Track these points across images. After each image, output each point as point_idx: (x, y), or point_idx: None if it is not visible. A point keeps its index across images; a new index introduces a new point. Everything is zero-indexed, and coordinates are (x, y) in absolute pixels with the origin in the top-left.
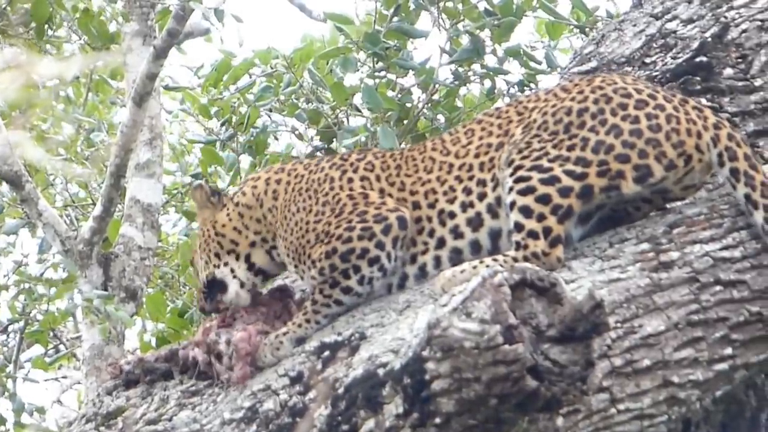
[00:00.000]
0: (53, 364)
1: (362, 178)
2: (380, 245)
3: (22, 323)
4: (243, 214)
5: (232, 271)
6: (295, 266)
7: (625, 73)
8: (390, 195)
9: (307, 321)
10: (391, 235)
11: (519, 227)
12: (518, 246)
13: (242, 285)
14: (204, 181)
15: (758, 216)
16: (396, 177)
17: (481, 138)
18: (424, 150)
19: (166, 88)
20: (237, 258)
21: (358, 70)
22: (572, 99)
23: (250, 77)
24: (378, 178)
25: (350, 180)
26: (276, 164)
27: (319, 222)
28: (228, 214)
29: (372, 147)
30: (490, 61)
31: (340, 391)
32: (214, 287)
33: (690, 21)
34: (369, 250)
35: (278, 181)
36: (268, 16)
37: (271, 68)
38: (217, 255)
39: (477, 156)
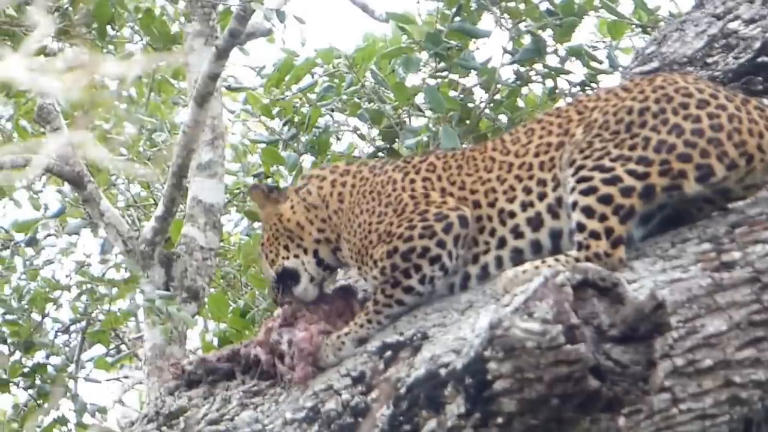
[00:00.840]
0: (115, 364)
1: (424, 179)
2: (441, 244)
3: (83, 323)
4: (309, 210)
5: (303, 263)
6: (359, 268)
7: (687, 73)
8: (451, 194)
9: (369, 321)
10: (453, 234)
11: (581, 227)
12: (580, 246)
13: (312, 279)
14: (258, 180)
15: None
16: (457, 176)
17: (541, 137)
18: (484, 150)
19: (228, 88)
20: (305, 252)
21: (420, 70)
22: (633, 98)
23: (312, 77)
24: (439, 178)
25: (412, 181)
26: (341, 163)
27: (382, 222)
28: (293, 207)
29: (434, 148)
30: (552, 60)
31: (402, 391)
32: (286, 278)
33: (752, 21)
34: (430, 248)
35: (344, 184)
36: (331, 16)
37: (333, 68)
38: (286, 247)
39: (537, 155)
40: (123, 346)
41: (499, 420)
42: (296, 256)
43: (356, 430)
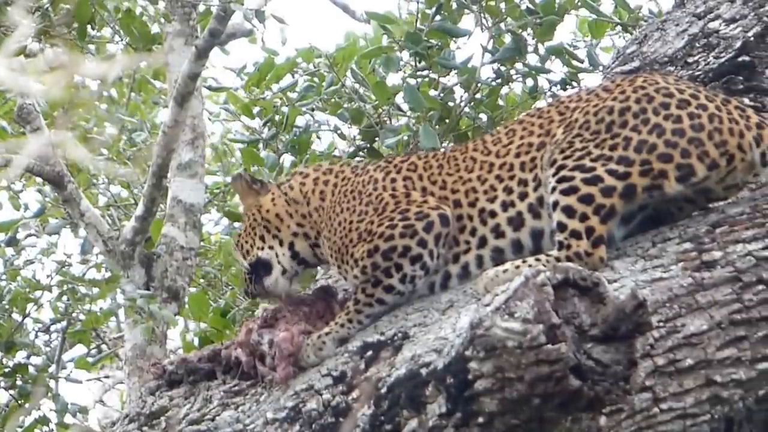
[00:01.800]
0: (96, 364)
1: (405, 178)
2: (422, 243)
3: (64, 323)
4: (289, 203)
5: (276, 255)
6: (338, 266)
7: (668, 73)
8: (432, 194)
9: (350, 321)
10: (433, 233)
11: (562, 227)
12: (561, 246)
13: (284, 272)
14: (243, 170)
15: None
16: (438, 176)
17: (522, 138)
18: (465, 150)
19: (209, 88)
20: (281, 244)
21: (400, 70)
22: (614, 99)
23: (293, 76)
24: (420, 178)
25: (393, 180)
26: (324, 162)
27: (362, 221)
28: (273, 200)
29: (414, 147)
30: (533, 59)
31: (383, 390)
32: (259, 268)
33: (732, 20)
34: (411, 247)
35: (326, 182)
36: (312, 17)
37: (314, 67)
38: (262, 238)
39: (518, 156)
40: (104, 346)
41: (481, 419)
42: (271, 248)
43: (337, 430)
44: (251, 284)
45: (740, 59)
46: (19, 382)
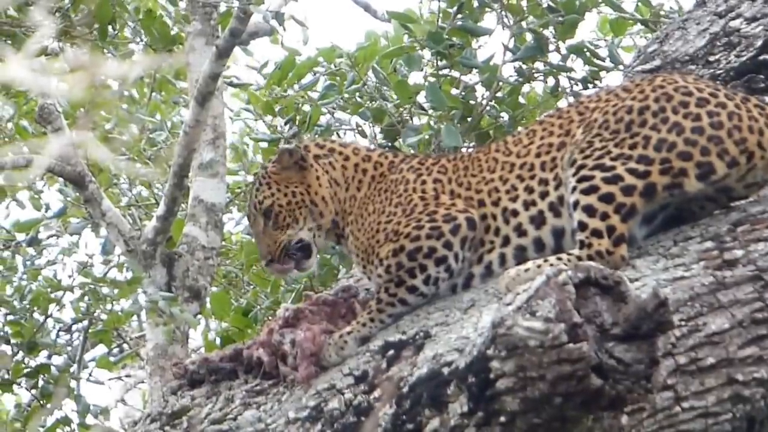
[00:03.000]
0: (117, 363)
1: (435, 181)
2: (448, 245)
3: (86, 323)
4: (331, 185)
5: (314, 237)
6: (364, 266)
7: (687, 72)
8: (459, 196)
9: (372, 320)
10: (460, 236)
11: (583, 226)
12: (582, 245)
13: (318, 253)
14: (290, 143)
15: None
16: (463, 177)
17: (542, 138)
18: (488, 151)
19: (231, 84)
20: (320, 228)
21: (422, 69)
22: (633, 98)
23: (314, 75)
24: (450, 180)
25: (423, 182)
26: (361, 145)
27: (390, 222)
28: (319, 179)
29: (436, 146)
30: (554, 58)
31: (405, 390)
32: (303, 250)
33: (754, 19)
34: (436, 249)
35: (365, 171)
36: (333, 16)
37: (335, 66)
38: (305, 219)
39: (538, 155)
40: (125, 346)
41: (502, 419)
42: (310, 229)
43: (359, 430)
44: (285, 260)
45: (761, 58)
46: (41, 383)
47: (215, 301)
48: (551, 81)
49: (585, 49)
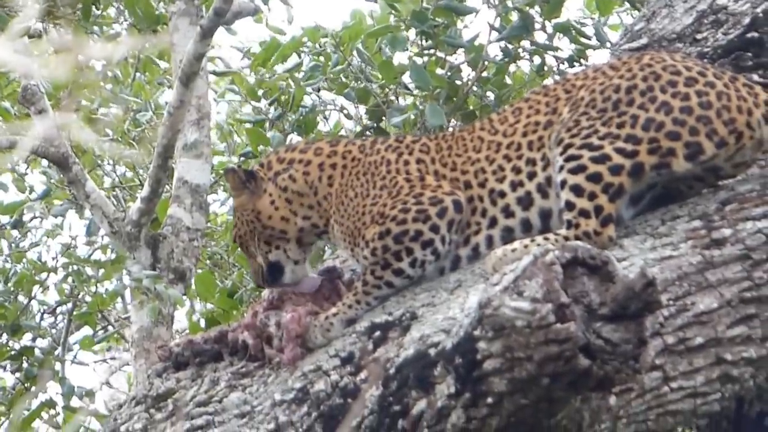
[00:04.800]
0: (101, 342)
1: (418, 161)
2: (435, 228)
3: (70, 305)
4: (292, 201)
5: (285, 252)
6: (351, 250)
7: (675, 50)
8: (444, 176)
9: (358, 302)
10: (446, 219)
11: (570, 206)
12: (570, 225)
13: (296, 262)
14: (245, 160)
15: None
16: (448, 157)
17: (528, 116)
18: (473, 130)
19: (214, 73)
20: (288, 241)
21: (406, 49)
22: (620, 76)
23: (299, 56)
24: (433, 161)
25: (406, 163)
26: (324, 143)
27: (375, 204)
28: (273, 202)
29: (421, 126)
30: (540, 37)
31: (392, 371)
32: (272, 270)
33: None
34: (423, 232)
35: (333, 166)
36: None
37: (320, 47)
38: (267, 242)
39: (525, 135)
40: (110, 328)
41: (490, 400)
42: (278, 247)
43: (345, 411)
44: (264, 282)
45: (749, 35)
46: (25, 366)
47: (200, 283)
48: (537, 60)
49: (571, 28)
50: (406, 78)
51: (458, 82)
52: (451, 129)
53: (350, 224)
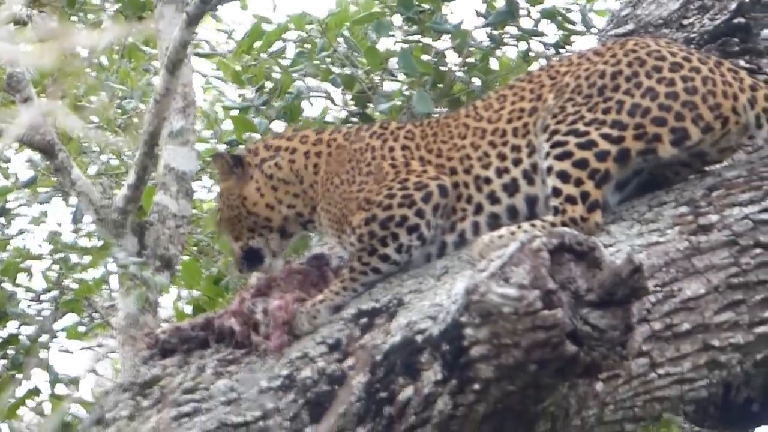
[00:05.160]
0: (87, 333)
1: (403, 147)
2: (420, 213)
3: (56, 292)
4: (277, 188)
5: (268, 241)
6: (338, 237)
7: (660, 36)
8: (429, 163)
9: (344, 289)
10: (432, 203)
11: (557, 192)
12: (556, 211)
13: (275, 254)
14: (231, 147)
15: None
16: (433, 144)
17: (513, 103)
18: (458, 117)
19: (198, 55)
20: (271, 230)
21: (392, 35)
22: (605, 62)
23: (284, 42)
24: (418, 147)
25: (392, 149)
26: (310, 131)
27: (361, 191)
28: (259, 189)
29: (407, 112)
30: (526, 23)
31: (378, 358)
32: (251, 256)
33: None
34: (408, 217)
35: (318, 154)
36: None
37: (305, 33)
38: (251, 229)
39: (510, 121)
40: (96, 315)
41: (476, 386)
42: (261, 235)
43: (332, 398)
44: (244, 267)
45: (735, 21)
46: (11, 353)
47: (186, 270)
48: (523, 46)
49: (557, 14)
50: (392, 64)
51: (444, 68)
52: (436, 116)
53: (336, 211)
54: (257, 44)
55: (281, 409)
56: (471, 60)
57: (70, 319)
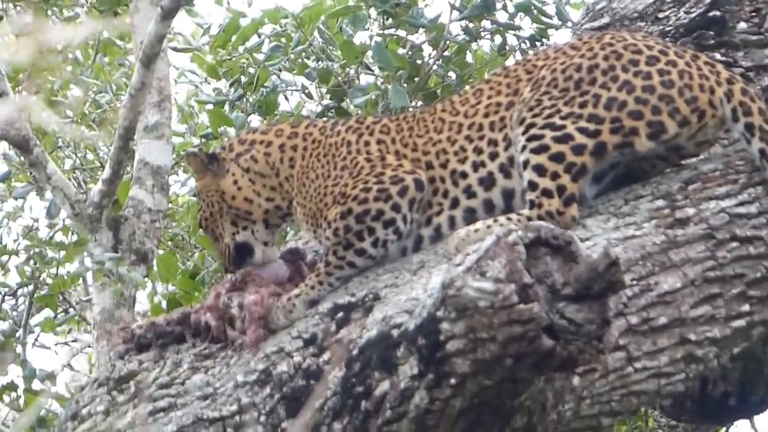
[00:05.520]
0: (62, 324)
1: (379, 141)
2: (396, 207)
3: (31, 287)
4: (254, 181)
5: (254, 233)
6: (314, 231)
7: (636, 29)
8: (405, 156)
9: (320, 283)
10: (408, 197)
11: (533, 186)
12: (532, 205)
13: (266, 243)
14: (198, 148)
15: None
16: (409, 138)
17: (489, 97)
18: (434, 111)
19: (175, 49)
20: (254, 222)
21: (368, 28)
22: (582, 56)
23: (259, 37)
24: (394, 141)
25: (367, 143)
26: (285, 125)
27: (337, 185)
28: (236, 182)
29: (383, 106)
30: (501, 16)
31: (355, 352)
32: (241, 252)
33: None
34: (384, 211)
35: (294, 147)
36: None
37: (281, 27)
38: (234, 223)
39: (486, 115)
40: (71, 310)
41: (453, 381)
42: (245, 228)
43: (308, 393)
44: (232, 264)
45: (711, 14)
46: None
47: (162, 264)
48: (499, 39)
49: (532, 7)
50: (368, 58)
51: (420, 62)
52: (412, 110)
53: (312, 205)
54: (233, 39)
55: (257, 404)
56: (447, 54)
57: (46, 314)
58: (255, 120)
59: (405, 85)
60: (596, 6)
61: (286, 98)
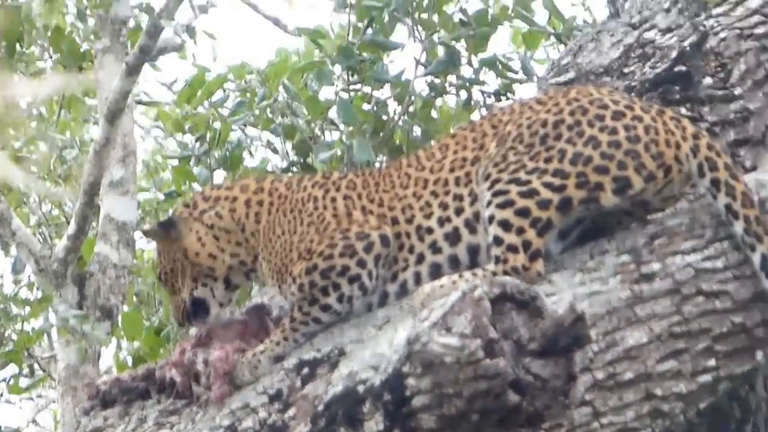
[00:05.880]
0: (29, 389)
1: (345, 197)
2: (361, 263)
3: None
4: (219, 237)
5: (212, 291)
6: (279, 287)
7: (602, 84)
8: (371, 212)
9: (285, 339)
10: (373, 253)
11: (498, 241)
12: (498, 260)
13: (221, 305)
14: (155, 223)
15: (738, 226)
16: (375, 193)
17: (455, 152)
18: (400, 166)
19: (140, 102)
20: (215, 280)
21: (333, 84)
22: (547, 111)
23: (224, 92)
24: (360, 196)
25: (333, 199)
26: (250, 180)
27: (303, 241)
28: (200, 239)
29: (348, 161)
30: (466, 72)
31: (320, 408)
32: (196, 307)
33: (668, 30)
34: (350, 267)
35: (260, 203)
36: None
37: (245, 83)
38: (194, 279)
39: (452, 170)
40: (36, 366)
41: None
42: (205, 285)
43: None
44: (185, 319)
45: (676, 69)
46: None
47: (126, 321)
48: (464, 95)
49: (497, 62)
50: (333, 113)
51: (385, 117)
52: (377, 165)
53: (278, 261)
54: (198, 94)
55: None
56: (412, 109)
57: (11, 369)
58: (220, 175)
59: (370, 140)
60: (561, 61)
61: (251, 154)
